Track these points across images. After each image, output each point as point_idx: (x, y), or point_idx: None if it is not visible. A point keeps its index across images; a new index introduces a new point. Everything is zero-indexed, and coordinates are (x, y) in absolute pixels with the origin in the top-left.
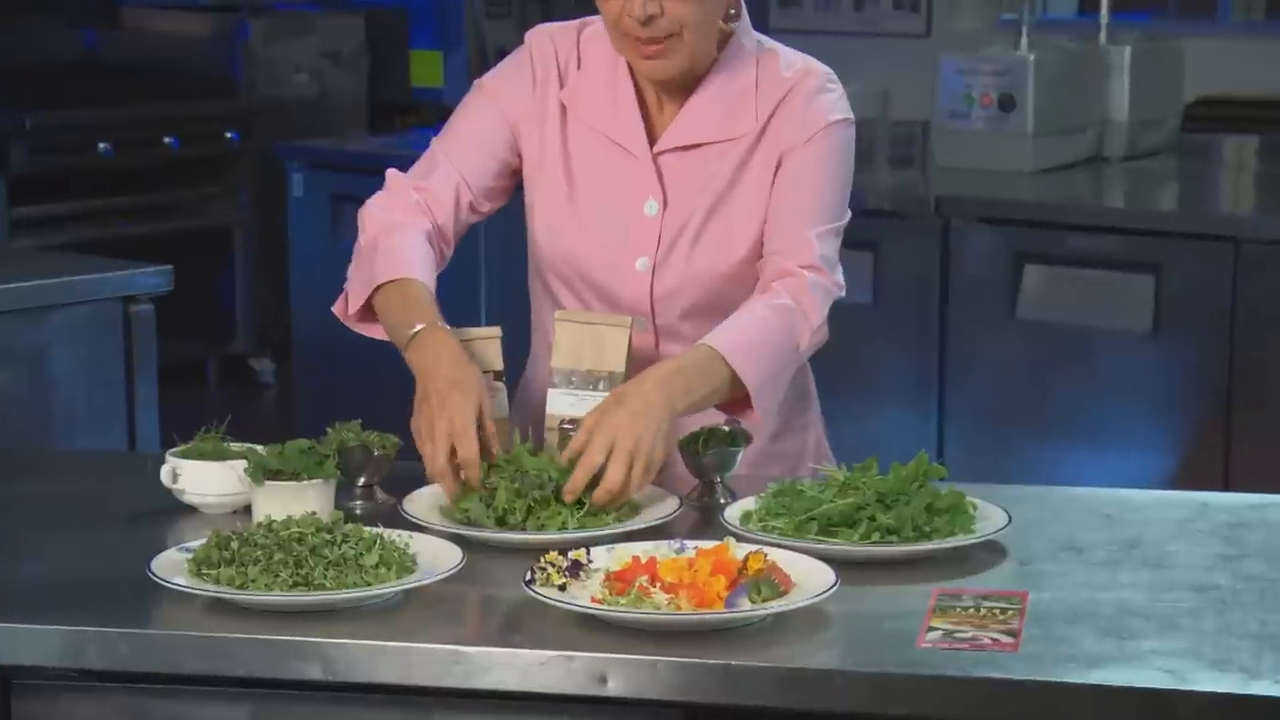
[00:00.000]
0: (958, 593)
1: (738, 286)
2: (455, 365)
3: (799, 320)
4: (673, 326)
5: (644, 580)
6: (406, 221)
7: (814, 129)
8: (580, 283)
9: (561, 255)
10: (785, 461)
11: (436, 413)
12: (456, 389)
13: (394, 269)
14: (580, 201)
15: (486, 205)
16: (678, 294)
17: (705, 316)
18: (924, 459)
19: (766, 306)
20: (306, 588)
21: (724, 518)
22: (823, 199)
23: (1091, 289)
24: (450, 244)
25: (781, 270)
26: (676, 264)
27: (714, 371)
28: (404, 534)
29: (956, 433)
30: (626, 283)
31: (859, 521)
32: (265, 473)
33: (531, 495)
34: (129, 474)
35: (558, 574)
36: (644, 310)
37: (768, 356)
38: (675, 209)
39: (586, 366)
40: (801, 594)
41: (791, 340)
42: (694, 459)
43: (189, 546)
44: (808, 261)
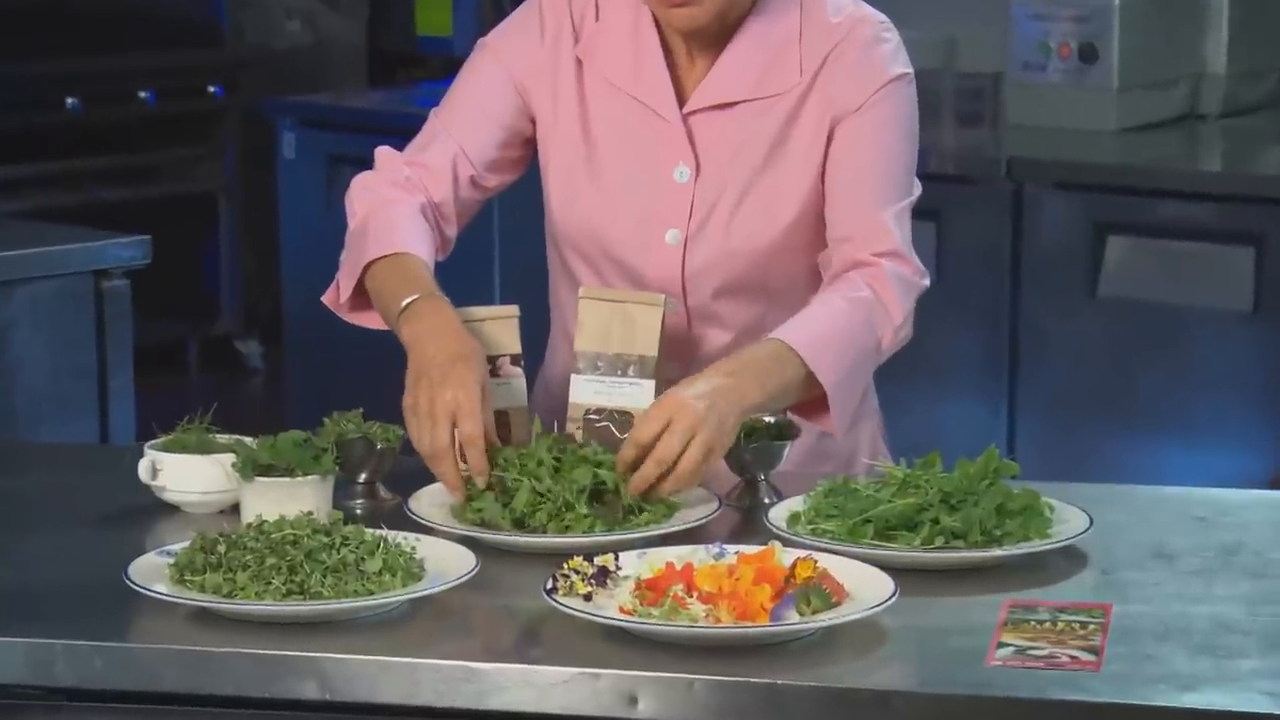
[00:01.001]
0: (1032, 604)
1: (780, 263)
2: (456, 337)
3: (879, 315)
4: (706, 308)
5: (679, 589)
6: (397, 197)
7: (872, 88)
8: (602, 259)
9: (581, 229)
10: (837, 458)
11: (436, 386)
12: (459, 361)
13: (384, 245)
14: (601, 168)
15: (493, 180)
16: (713, 270)
17: (743, 297)
18: (993, 454)
19: (843, 299)
20: (301, 596)
21: (768, 519)
22: (891, 172)
23: (1183, 263)
24: (452, 223)
25: (854, 259)
26: (711, 237)
27: (786, 366)
28: (410, 536)
29: (1030, 425)
30: (655, 258)
31: (920, 524)
32: (255, 468)
33: (562, 498)
34: (102, 469)
35: (582, 582)
36: (674, 289)
37: (845, 353)
38: (709, 175)
39: (614, 350)
40: (856, 605)
41: (871, 337)
42: (735, 454)
43: (170, 550)
44: (886, 248)
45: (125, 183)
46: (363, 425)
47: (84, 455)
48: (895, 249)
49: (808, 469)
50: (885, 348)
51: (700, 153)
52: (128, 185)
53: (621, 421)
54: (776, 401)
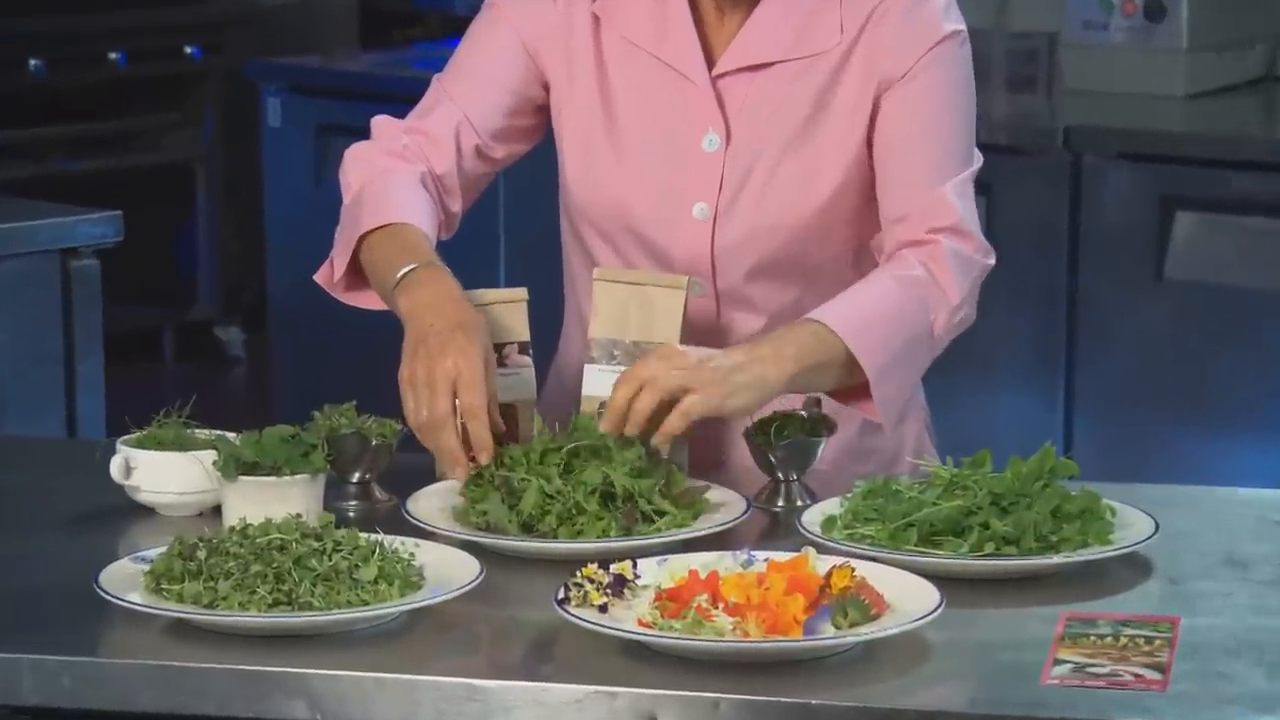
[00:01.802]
0: (1092, 617)
1: (819, 240)
2: (457, 306)
3: (933, 296)
4: (737, 290)
5: (703, 600)
6: (394, 166)
7: (921, 48)
8: (623, 236)
9: (599, 203)
10: (880, 457)
11: (435, 355)
12: (460, 329)
13: (380, 215)
14: (621, 137)
15: (500, 150)
16: (745, 248)
17: (778, 278)
18: (1049, 453)
19: (892, 277)
20: (289, 607)
21: (802, 523)
22: (949, 142)
23: (1259, 242)
24: (456, 197)
25: (909, 238)
26: (744, 211)
27: (826, 347)
28: (408, 541)
29: (1089, 420)
30: (681, 235)
31: (969, 529)
32: (238, 466)
33: (573, 500)
34: (70, 467)
35: (597, 591)
36: (703, 269)
37: (893, 336)
38: (741, 143)
39: (632, 337)
40: (897, 618)
41: (923, 319)
42: (764, 451)
43: (145, 556)
44: (945, 223)
45: (94, 153)
46: (356, 419)
47: (49, 451)
48: (955, 224)
49: (846, 468)
50: (940, 332)
51: (731, 118)
52: (97, 156)
53: None
54: (816, 379)
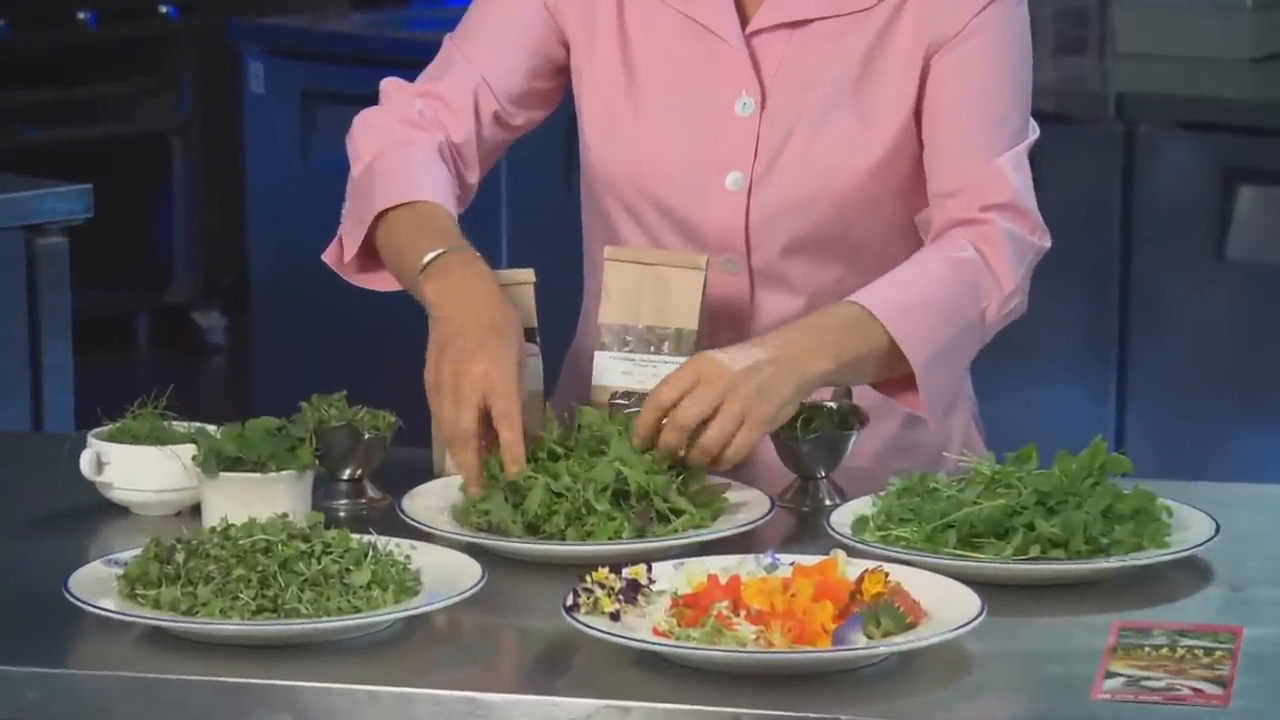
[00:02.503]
0: (1146, 626)
1: (863, 214)
2: (491, 302)
3: (985, 281)
4: (773, 267)
5: (724, 607)
6: (410, 135)
7: (976, 5)
8: (649, 210)
9: (623, 174)
10: (923, 453)
11: (464, 359)
12: (494, 332)
13: (398, 192)
14: (647, 100)
15: (520, 116)
16: (782, 221)
17: (818, 255)
18: (1100, 447)
19: (940, 260)
20: (275, 614)
21: (830, 524)
22: (1005, 108)
23: None
24: (474, 168)
25: (960, 216)
26: (781, 180)
27: (866, 334)
28: (404, 543)
29: (1143, 413)
30: (713, 207)
31: (1013, 531)
32: (220, 461)
33: (583, 499)
34: (36, 462)
35: (609, 598)
36: (736, 245)
37: (940, 323)
38: (777, 107)
39: (646, 322)
40: (935, 627)
41: (974, 306)
42: (790, 446)
43: (119, 559)
44: (1000, 200)
45: (61, 121)
46: (347, 411)
47: (14, 445)
48: (1010, 200)
49: (887, 464)
50: (991, 321)
51: (766, 80)
52: (64, 124)
53: None
54: (852, 374)
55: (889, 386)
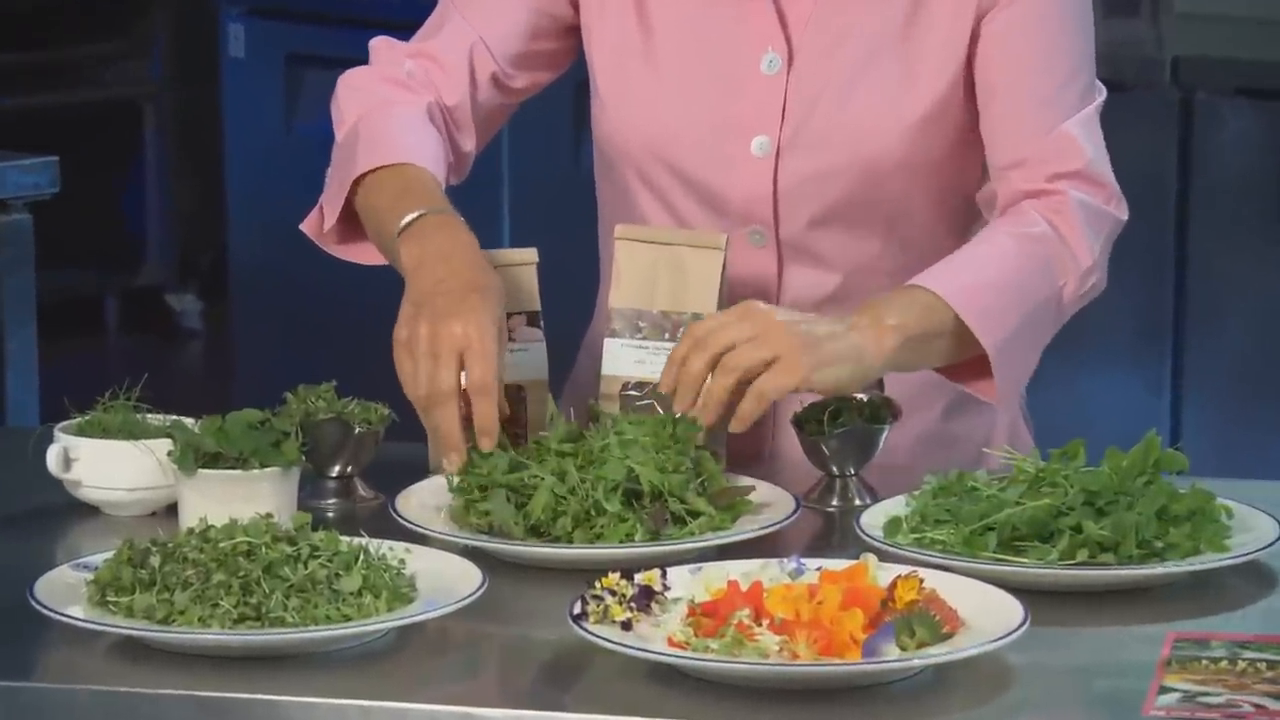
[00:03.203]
0: (1204, 637)
1: (903, 182)
2: (472, 262)
3: (1060, 257)
4: (803, 241)
5: (745, 615)
6: (397, 96)
7: None
8: (668, 180)
9: (639, 140)
10: (965, 447)
11: (441, 317)
12: (476, 292)
13: (379, 154)
14: (663, 59)
15: (521, 79)
16: (812, 189)
17: (854, 227)
18: (1154, 443)
19: (1010, 236)
20: (258, 623)
21: (861, 526)
22: (1070, 67)
23: None
24: (469, 133)
25: (1029, 186)
26: (810, 145)
27: (934, 317)
28: (398, 546)
29: (1200, 404)
30: (738, 174)
31: (1058, 533)
32: (198, 457)
33: (590, 500)
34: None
35: (620, 606)
36: (763, 215)
37: (1013, 305)
38: (806, 65)
39: (660, 307)
40: (974, 637)
41: (1049, 285)
42: (816, 441)
43: (88, 563)
44: (1071, 168)
45: (25, 88)
46: (336, 403)
47: None
48: (1082, 168)
49: (924, 459)
50: (1069, 300)
51: (794, 35)
52: (28, 91)
53: (669, 399)
54: (919, 358)
55: (958, 372)
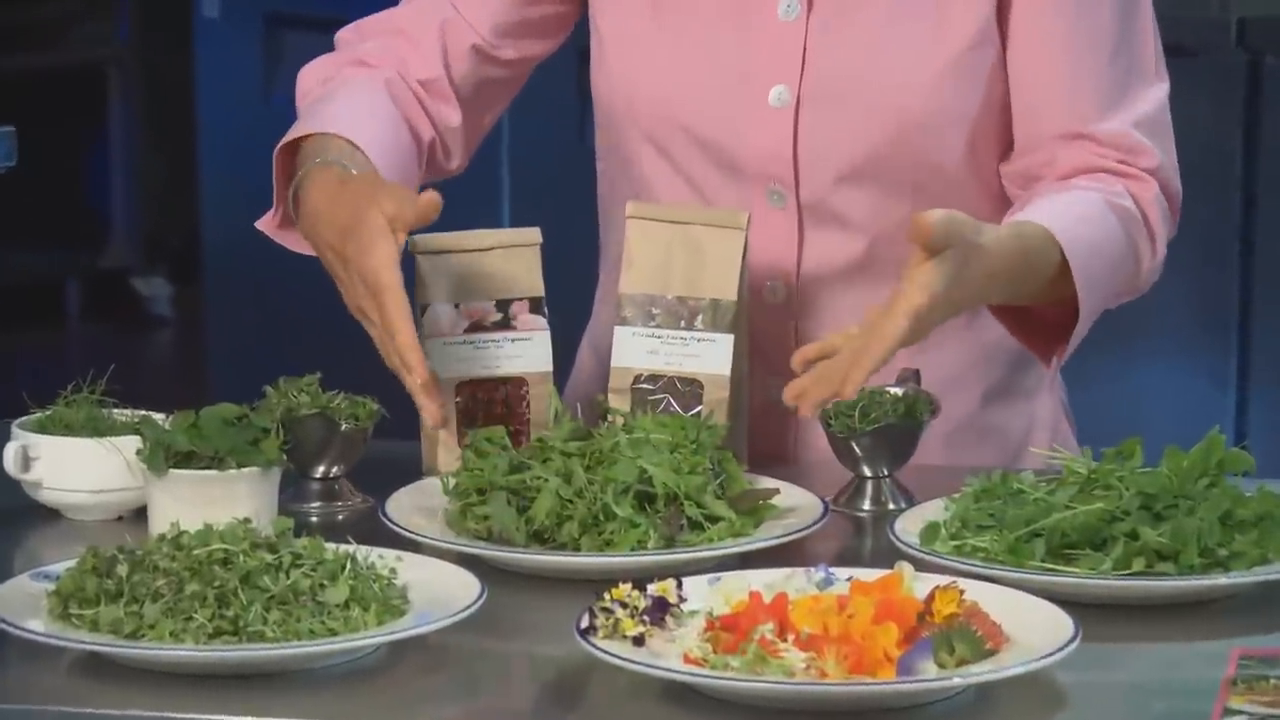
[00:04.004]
0: (1272, 654)
1: (934, 137)
2: (338, 200)
3: (1141, 238)
4: (826, 201)
5: (768, 630)
6: (352, 73)
7: None
8: (678, 140)
9: (646, 97)
10: (1004, 441)
11: (348, 280)
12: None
13: (306, 125)
14: (671, 6)
15: (510, 49)
16: (836, 144)
17: (879, 188)
18: (1218, 442)
19: (1102, 197)
20: (235, 637)
21: (895, 532)
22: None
23: None
24: (453, 106)
25: (1100, 164)
26: (834, 95)
27: (1044, 261)
28: (388, 554)
29: (1268, 401)
30: (754, 129)
31: (1112, 540)
32: (169, 456)
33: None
34: None
35: (632, 619)
36: (782, 173)
37: (1104, 265)
38: (828, 9)
39: (675, 292)
40: (1019, 654)
41: (1130, 259)
42: (846, 440)
43: (50, 572)
44: (1152, 164)
45: None
46: (321, 398)
47: None
48: (1157, 168)
49: (961, 453)
50: (1141, 283)
51: None
52: None
53: (686, 393)
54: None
55: (1023, 331)
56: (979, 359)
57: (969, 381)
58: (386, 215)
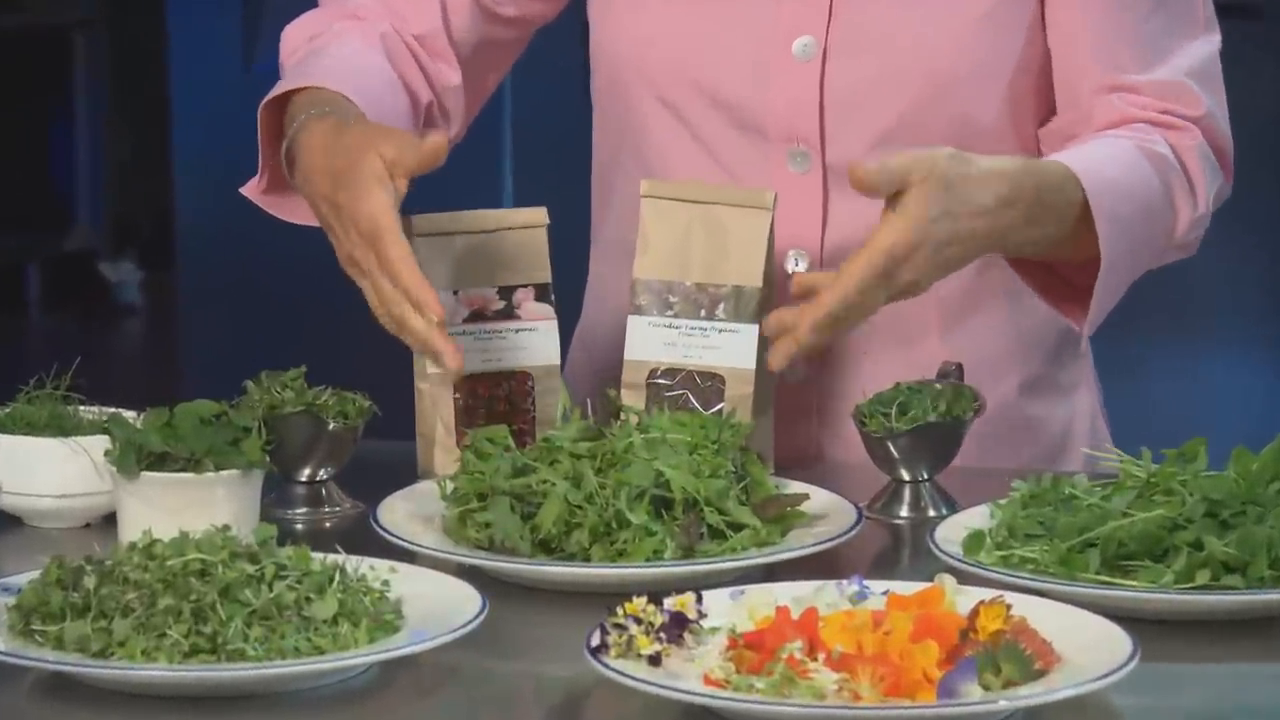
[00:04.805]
0: None
1: (970, 91)
2: (332, 150)
3: (1179, 188)
4: None
5: (797, 648)
6: (343, 27)
7: None
8: (694, 98)
9: (658, 55)
10: (1037, 439)
11: (343, 232)
12: (341, 185)
13: (295, 79)
14: None
15: (511, 6)
16: (866, 100)
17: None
18: None
19: (1134, 144)
20: (213, 656)
21: (935, 541)
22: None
23: None
24: (451, 63)
25: (1141, 113)
26: (863, 45)
27: (1063, 200)
28: (380, 565)
29: None
30: (776, 84)
31: (1174, 550)
32: (141, 458)
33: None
34: None
35: (647, 637)
36: (807, 132)
37: (1135, 216)
38: None
39: (695, 279)
40: (1072, 675)
41: (1166, 212)
42: (882, 439)
43: (10, 584)
44: (1190, 114)
45: None
46: (306, 393)
47: None
48: (1204, 116)
49: (996, 446)
50: (1178, 238)
51: None
52: None
53: (707, 388)
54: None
55: (1047, 287)
56: (1015, 348)
57: (1005, 372)
58: (385, 160)
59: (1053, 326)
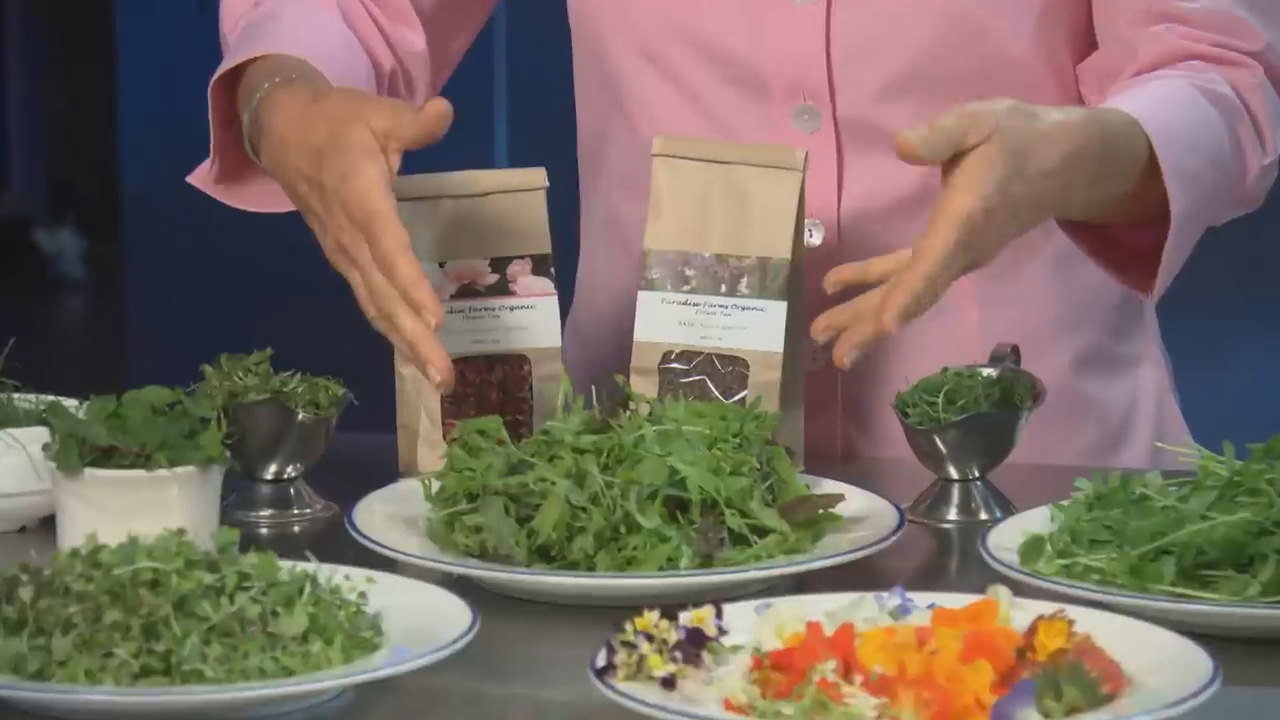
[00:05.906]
0: None
1: (989, 44)
2: (311, 117)
3: (1245, 132)
4: (868, 119)
5: (830, 669)
6: None
7: None
8: (688, 53)
9: (648, 6)
10: (1095, 422)
11: (328, 214)
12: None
13: (251, 47)
14: None
15: None
16: (877, 50)
17: (930, 102)
18: None
19: (1193, 86)
20: (166, 678)
21: (988, 548)
22: None
23: None
24: (414, 27)
25: (1196, 47)
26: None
27: (1128, 154)
28: (356, 574)
29: None
30: (777, 34)
31: (1260, 559)
32: (84, 452)
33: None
34: None
35: (660, 656)
36: (814, 86)
37: (1203, 164)
38: None
39: (714, 249)
40: (1145, 700)
41: (1235, 157)
42: (927, 434)
43: None
44: (1249, 48)
45: None
46: (272, 379)
47: None
48: (1265, 51)
49: (1049, 435)
50: (1249, 187)
51: None
52: None
53: (728, 374)
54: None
55: (1104, 249)
56: (1066, 317)
57: (1056, 345)
58: (376, 131)
59: (1108, 291)
